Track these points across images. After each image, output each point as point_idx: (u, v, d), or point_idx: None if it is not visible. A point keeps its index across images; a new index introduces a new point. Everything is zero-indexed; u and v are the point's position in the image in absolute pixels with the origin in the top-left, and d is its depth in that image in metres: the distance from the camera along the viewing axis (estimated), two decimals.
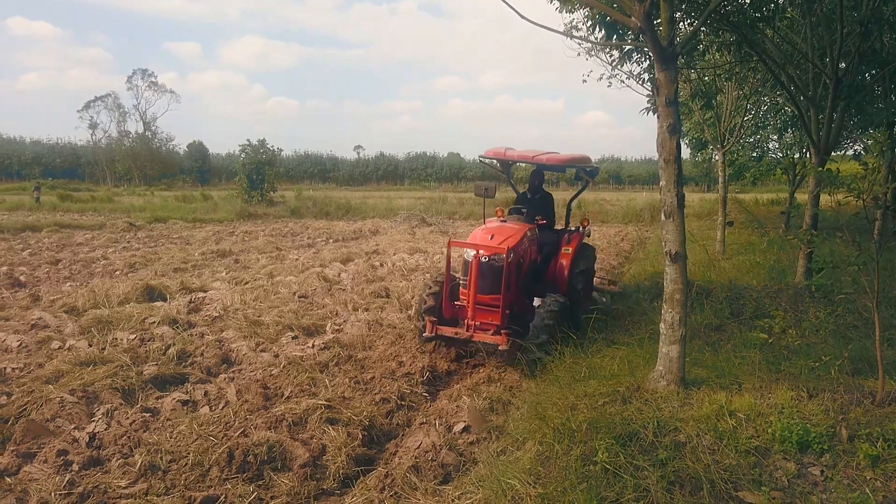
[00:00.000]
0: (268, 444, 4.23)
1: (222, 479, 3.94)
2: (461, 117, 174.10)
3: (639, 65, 10.34)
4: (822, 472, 3.47)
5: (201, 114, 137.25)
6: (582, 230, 7.70)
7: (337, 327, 7.68)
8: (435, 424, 4.83)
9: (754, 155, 18.38)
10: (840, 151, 15.27)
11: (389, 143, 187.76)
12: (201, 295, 9.26)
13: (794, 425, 3.73)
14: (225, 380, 5.77)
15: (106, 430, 4.60)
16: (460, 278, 6.50)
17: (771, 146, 18.39)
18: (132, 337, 6.82)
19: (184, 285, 9.75)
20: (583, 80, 11.56)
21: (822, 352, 5.17)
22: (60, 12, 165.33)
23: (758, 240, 13.54)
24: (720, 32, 8.55)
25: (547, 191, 7.94)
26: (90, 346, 6.52)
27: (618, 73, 11.06)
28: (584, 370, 5.18)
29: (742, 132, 13.05)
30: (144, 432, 4.57)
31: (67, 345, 6.58)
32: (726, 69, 10.55)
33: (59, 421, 4.76)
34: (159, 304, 8.48)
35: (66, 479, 3.87)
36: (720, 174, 13.07)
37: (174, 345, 6.55)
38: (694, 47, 8.62)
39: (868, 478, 3.38)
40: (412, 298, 8.85)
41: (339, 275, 11.24)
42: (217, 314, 8.12)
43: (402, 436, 4.83)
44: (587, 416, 4.10)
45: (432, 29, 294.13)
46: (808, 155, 12.78)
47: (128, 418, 4.80)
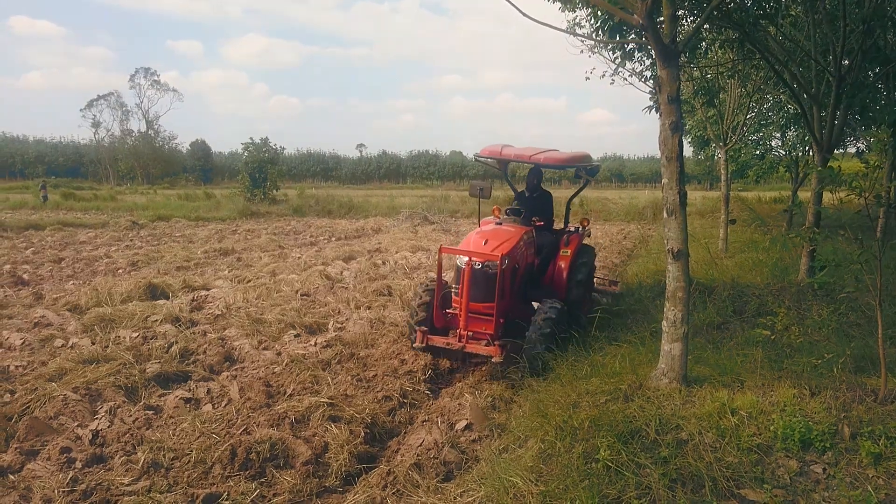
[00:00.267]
0: (270, 441, 4.24)
1: (225, 477, 3.95)
2: (464, 115, 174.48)
3: (641, 63, 10.32)
4: (824, 469, 3.47)
5: (204, 112, 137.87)
6: (582, 230, 7.54)
7: (339, 325, 7.68)
8: (437, 422, 4.84)
9: (757, 153, 18.31)
10: (843, 149, 15.24)
11: (392, 141, 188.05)
12: (204, 293, 9.30)
13: (796, 423, 3.72)
14: (227, 377, 5.78)
15: (109, 427, 4.62)
16: (452, 286, 6.30)
17: (773, 144, 18.32)
18: (135, 335, 6.84)
19: (186, 283, 9.79)
20: (585, 78, 11.54)
21: (824, 350, 5.17)
22: (63, 11, 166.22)
23: (760, 238, 13.51)
24: (722, 30, 8.52)
25: (546, 189, 7.76)
26: (93, 343, 6.54)
27: (620, 71, 11.05)
28: (585, 368, 5.18)
29: (745, 130, 13.02)
30: (147, 430, 4.59)
31: (70, 343, 6.60)
32: (729, 67, 10.51)
33: (62, 418, 4.78)
34: (162, 302, 8.52)
35: (70, 476, 3.88)
36: (723, 172, 13.03)
37: (177, 343, 6.56)
38: (696, 45, 8.60)
39: (870, 476, 3.37)
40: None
41: (342, 273, 11.26)
42: (219, 312, 8.14)
43: (405, 433, 4.84)
44: (589, 414, 4.10)
45: (434, 27, 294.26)
46: (811, 153, 12.74)
47: (131, 416, 4.82)
